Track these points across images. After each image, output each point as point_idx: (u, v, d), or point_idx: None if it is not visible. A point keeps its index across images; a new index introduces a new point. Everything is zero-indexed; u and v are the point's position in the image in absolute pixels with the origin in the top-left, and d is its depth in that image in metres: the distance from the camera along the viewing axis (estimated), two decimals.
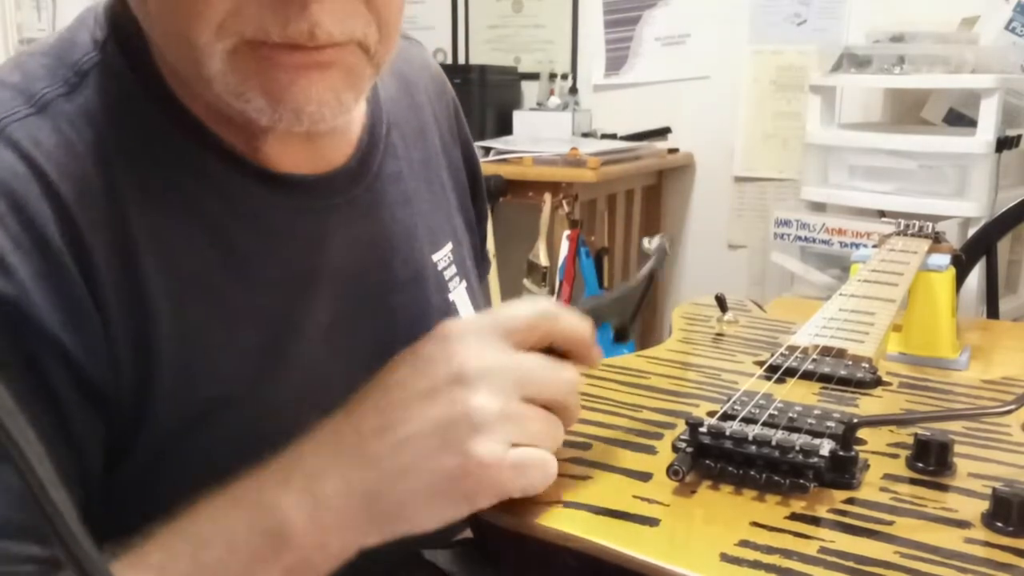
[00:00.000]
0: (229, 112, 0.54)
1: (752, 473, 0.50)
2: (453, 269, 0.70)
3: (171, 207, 0.54)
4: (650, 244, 0.65)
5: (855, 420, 0.53)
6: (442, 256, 0.70)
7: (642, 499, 0.50)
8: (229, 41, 0.49)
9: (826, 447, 0.51)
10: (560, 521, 0.47)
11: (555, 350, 0.51)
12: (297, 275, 0.58)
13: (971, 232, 1.67)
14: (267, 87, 0.50)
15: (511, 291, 2.17)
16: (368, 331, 0.62)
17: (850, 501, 0.50)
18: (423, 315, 0.66)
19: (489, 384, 0.46)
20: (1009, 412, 0.57)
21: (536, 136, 2.53)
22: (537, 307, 0.50)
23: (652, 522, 0.47)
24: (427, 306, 0.66)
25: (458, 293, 0.70)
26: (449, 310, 0.68)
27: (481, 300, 0.75)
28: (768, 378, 0.67)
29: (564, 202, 2.15)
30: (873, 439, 0.58)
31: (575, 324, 0.51)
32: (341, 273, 0.61)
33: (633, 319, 0.61)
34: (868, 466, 0.54)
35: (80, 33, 0.56)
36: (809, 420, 0.56)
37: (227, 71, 0.50)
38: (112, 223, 0.51)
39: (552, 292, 2.18)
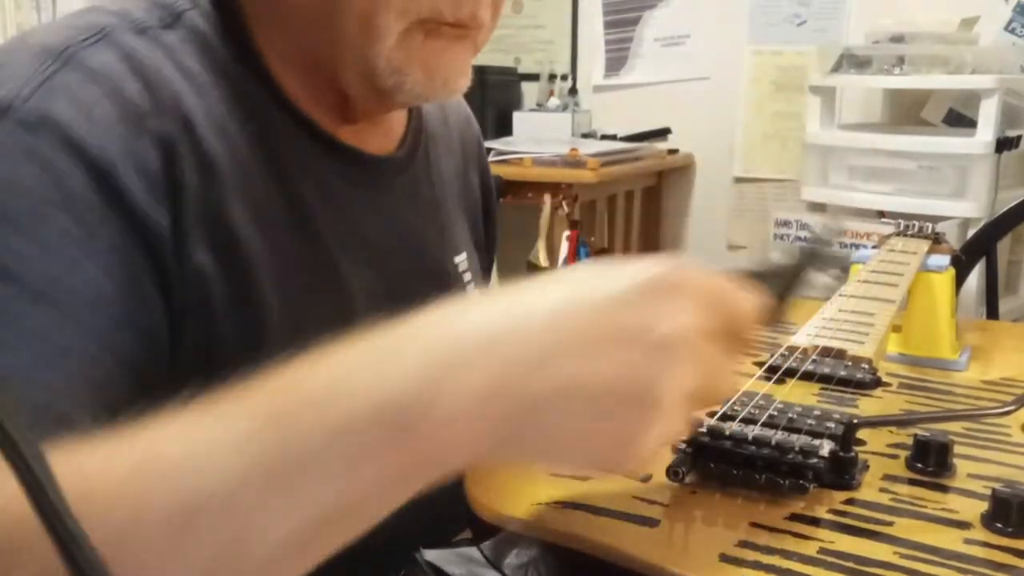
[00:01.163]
0: (359, 90, 0.60)
1: (752, 474, 0.50)
2: (469, 275, 0.74)
3: (252, 143, 0.58)
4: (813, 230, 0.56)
5: (855, 421, 0.53)
6: (461, 260, 0.73)
7: (642, 499, 0.50)
8: (405, 22, 0.56)
9: (826, 448, 0.51)
10: (560, 521, 0.47)
11: None
12: (344, 242, 0.62)
13: (971, 233, 1.67)
14: (426, 60, 0.58)
15: None
16: (398, 312, 0.63)
17: (850, 502, 0.50)
18: None
19: (686, 368, 0.38)
20: (1009, 413, 0.57)
21: (536, 137, 2.53)
22: (747, 297, 0.43)
23: (652, 522, 0.47)
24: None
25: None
26: None
27: None
28: (768, 379, 0.67)
29: (564, 203, 2.15)
30: (873, 440, 0.58)
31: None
32: (379, 251, 0.64)
33: (785, 298, 0.50)
34: (868, 467, 0.54)
35: None
36: (809, 421, 0.56)
37: (396, 48, 0.57)
38: (202, 135, 0.55)
39: None
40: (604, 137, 2.64)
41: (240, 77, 0.58)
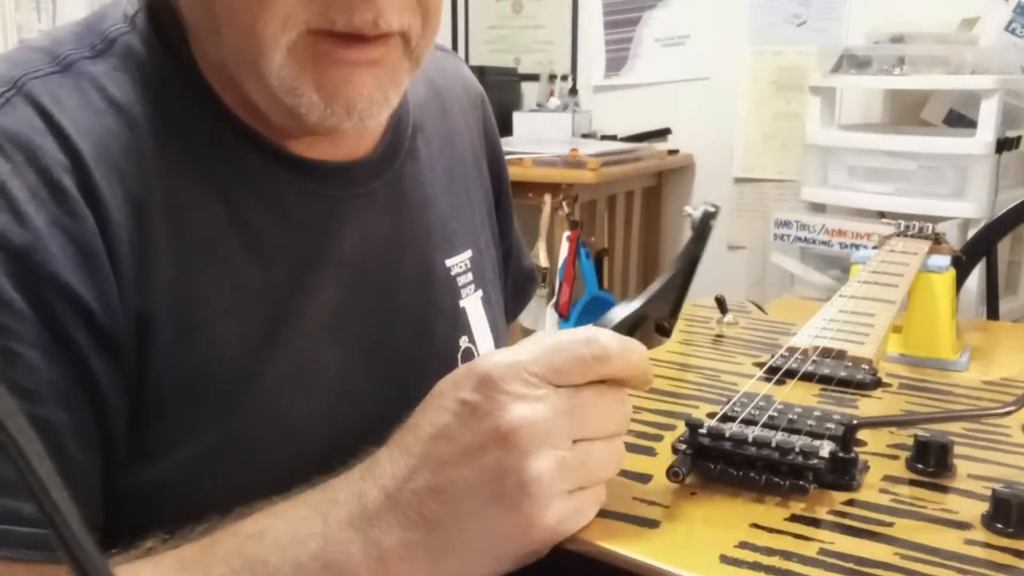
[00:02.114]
0: (271, 108, 0.55)
1: (752, 475, 0.50)
2: (469, 277, 0.70)
3: (190, 175, 0.55)
4: (694, 213, 0.49)
5: (855, 421, 0.53)
6: (458, 262, 0.69)
7: (642, 501, 0.50)
8: (293, 33, 0.51)
9: (826, 448, 0.51)
10: None
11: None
12: (307, 258, 0.59)
13: (971, 233, 1.67)
14: (321, 83, 0.53)
15: None
16: (369, 324, 0.62)
17: (850, 503, 0.50)
18: (428, 317, 0.66)
19: (540, 443, 0.44)
20: (1009, 413, 0.57)
21: (536, 137, 2.53)
22: (588, 346, 0.46)
23: (652, 524, 0.47)
24: (433, 309, 0.66)
25: (471, 301, 0.70)
26: (458, 316, 0.68)
27: (498, 312, 0.75)
28: (768, 379, 0.67)
29: (564, 203, 2.15)
30: (873, 440, 0.58)
31: (630, 360, 0.47)
32: (350, 262, 0.61)
33: (675, 312, 0.52)
34: (868, 467, 0.54)
35: (113, 9, 0.59)
36: (809, 421, 0.56)
37: (285, 65, 0.52)
38: (129, 179, 0.53)
39: (552, 293, 2.18)
40: (604, 137, 2.64)
41: (179, 98, 0.56)
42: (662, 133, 2.66)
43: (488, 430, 0.44)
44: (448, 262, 0.69)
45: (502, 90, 2.73)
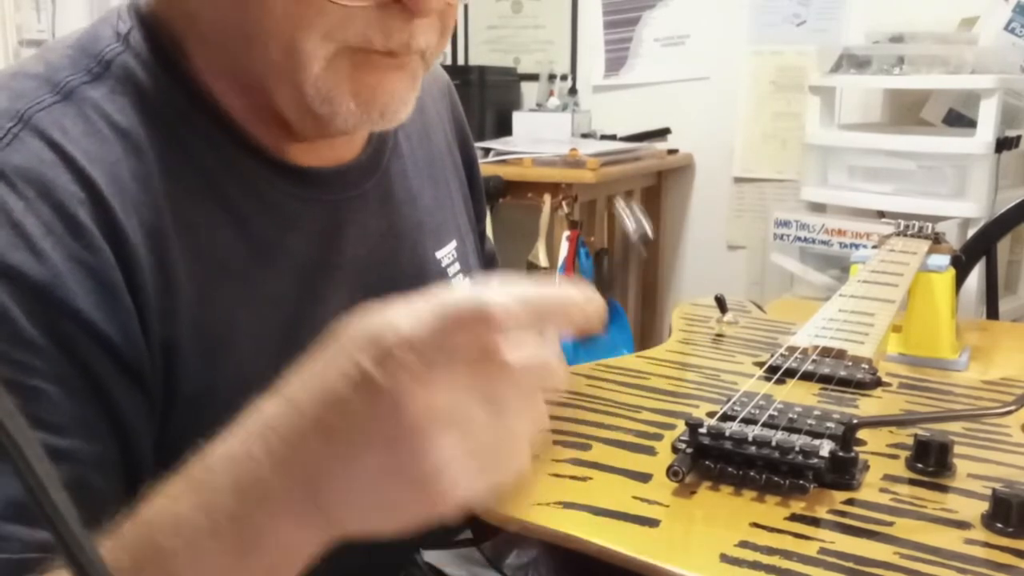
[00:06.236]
0: (299, 116, 0.56)
1: (752, 474, 0.50)
2: (457, 266, 0.72)
3: (198, 193, 0.56)
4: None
5: (855, 421, 0.53)
6: (446, 253, 0.71)
7: (642, 500, 0.50)
8: (332, 47, 0.53)
9: (826, 448, 0.51)
10: (560, 521, 0.47)
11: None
12: (315, 264, 0.60)
13: (971, 233, 1.67)
14: (358, 90, 0.55)
15: None
16: None
17: (850, 502, 0.50)
18: None
19: (444, 430, 0.38)
20: (1009, 413, 0.57)
21: (536, 137, 2.53)
22: (473, 309, 0.38)
23: (652, 523, 0.47)
24: None
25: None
26: None
27: None
28: (768, 379, 0.67)
29: (564, 203, 2.15)
30: (873, 440, 0.58)
31: (531, 302, 0.39)
32: (353, 264, 0.62)
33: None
34: (868, 467, 0.54)
35: (103, 27, 0.58)
36: (809, 421, 0.56)
37: (322, 75, 0.53)
38: (142, 206, 0.52)
39: None
40: (604, 137, 2.64)
41: (181, 116, 0.56)
42: (662, 133, 2.66)
43: (389, 414, 0.38)
44: (438, 254, 0.70)
45: (502, 90, 2.72)
